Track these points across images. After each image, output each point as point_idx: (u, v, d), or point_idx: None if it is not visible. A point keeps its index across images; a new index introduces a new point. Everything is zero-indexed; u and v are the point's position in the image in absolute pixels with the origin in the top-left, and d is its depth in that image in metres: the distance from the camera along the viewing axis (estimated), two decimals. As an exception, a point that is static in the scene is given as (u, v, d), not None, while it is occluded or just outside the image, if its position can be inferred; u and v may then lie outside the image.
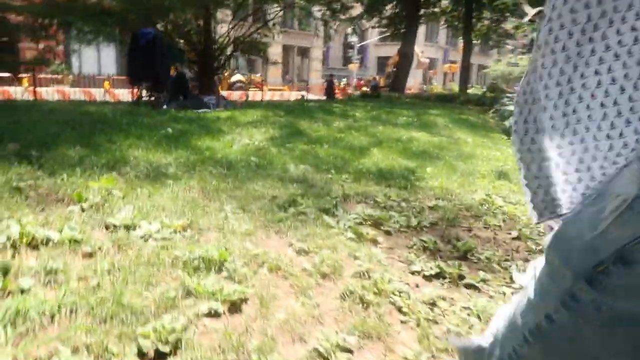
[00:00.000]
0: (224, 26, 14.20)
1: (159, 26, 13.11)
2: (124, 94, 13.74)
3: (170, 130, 5.88)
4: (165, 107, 8.25)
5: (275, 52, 22.95)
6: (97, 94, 15.35)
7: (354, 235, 2.77)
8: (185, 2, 11.83)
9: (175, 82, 9.10)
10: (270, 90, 22.97)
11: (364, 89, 26.91)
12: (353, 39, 40.89)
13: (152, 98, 9.16)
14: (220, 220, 2.79)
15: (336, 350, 1.64)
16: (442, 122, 9.56)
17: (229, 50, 14.10)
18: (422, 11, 20.60)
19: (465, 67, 20.85)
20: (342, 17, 18.11)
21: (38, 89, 12.92)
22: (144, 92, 9.46)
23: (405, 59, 19.60)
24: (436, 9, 21.80)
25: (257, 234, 2.66)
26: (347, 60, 50.57)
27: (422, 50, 33.78)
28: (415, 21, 19.88)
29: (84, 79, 18.70)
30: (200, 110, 8.40)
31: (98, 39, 11.73)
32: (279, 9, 15.15)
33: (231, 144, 5.34)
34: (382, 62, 49.65)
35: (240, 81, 22.11)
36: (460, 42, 44.48)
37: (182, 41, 13.85)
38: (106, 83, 17.46)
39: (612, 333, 0.55)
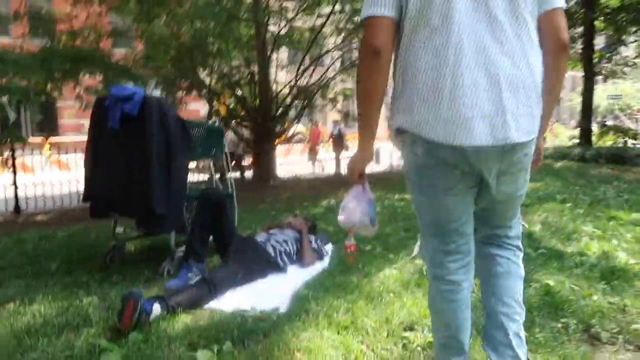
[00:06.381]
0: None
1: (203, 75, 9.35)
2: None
3: None
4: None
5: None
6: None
7: None
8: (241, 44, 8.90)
9: (203, 209, 3.32)
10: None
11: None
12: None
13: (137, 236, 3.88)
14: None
15: None
16: None
17: (288, 100, 10.09)
18: None
19: (587, 105, 15.57)
20: None
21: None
22: (120, 230, 3.84)
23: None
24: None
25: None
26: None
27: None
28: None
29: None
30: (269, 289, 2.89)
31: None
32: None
33: None
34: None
35: (300, 133, 17.63)
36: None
37: (226, 100, 10.04)
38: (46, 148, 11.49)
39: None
